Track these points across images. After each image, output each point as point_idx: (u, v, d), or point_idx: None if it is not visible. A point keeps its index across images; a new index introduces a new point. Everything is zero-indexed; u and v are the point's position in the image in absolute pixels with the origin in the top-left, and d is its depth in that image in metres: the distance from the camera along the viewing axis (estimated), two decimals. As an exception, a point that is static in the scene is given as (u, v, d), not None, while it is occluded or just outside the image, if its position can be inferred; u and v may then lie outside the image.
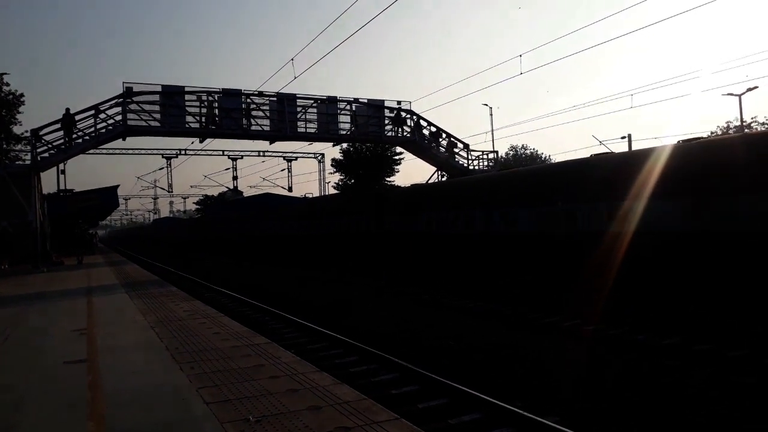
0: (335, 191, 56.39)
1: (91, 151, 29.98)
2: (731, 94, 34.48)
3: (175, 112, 27.71)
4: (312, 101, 30.42)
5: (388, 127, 32.60)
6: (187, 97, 27.95)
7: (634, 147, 34.79)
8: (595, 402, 7.11)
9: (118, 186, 40.89)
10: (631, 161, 13.81)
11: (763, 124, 39.00)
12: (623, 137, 38.16)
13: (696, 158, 12.02)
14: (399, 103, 32.40)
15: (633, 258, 11.98)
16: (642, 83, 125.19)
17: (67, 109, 26.00)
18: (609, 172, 13.94)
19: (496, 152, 36.55)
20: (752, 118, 40.26)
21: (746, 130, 35.93)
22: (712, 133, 39.58)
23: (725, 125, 41.38)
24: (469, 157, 33.70)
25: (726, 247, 10.70)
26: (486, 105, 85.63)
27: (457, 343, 10.46)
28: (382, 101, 32.32)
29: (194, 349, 7.64)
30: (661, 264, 11.85)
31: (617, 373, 8.29)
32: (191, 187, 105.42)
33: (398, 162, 55.37)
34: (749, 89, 33.31)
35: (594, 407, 6.94)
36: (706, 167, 11.50)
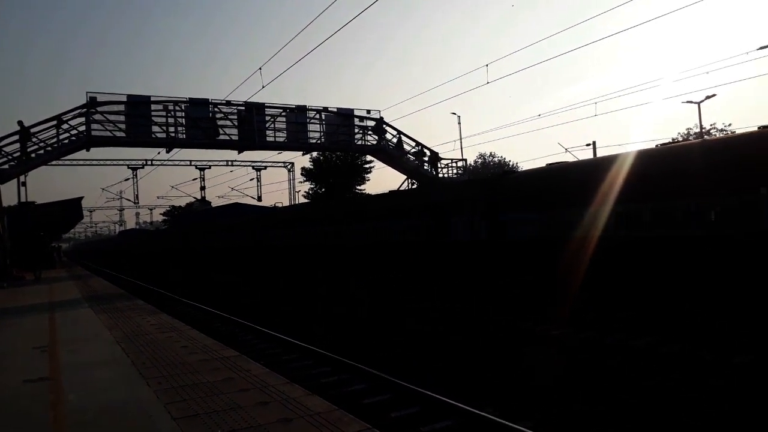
0: (305, 200, 56.32)
1: (54, 162, 29.24)
2: (691, 102, 35.51)
3: (140, 122, 27.26)
4: (281, 110, 30.27)
5: (358, 136, 32.61)
6: (153, 106, 27.54)
7: (599, 154, 35.53)
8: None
9: (81, 198, 40.03)
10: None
11: (721, 130, 40.24)
12: (588, 144, 38.91)
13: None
14: (369, 111, 32.48)
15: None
16: (606, 91, 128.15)
17: (20, 122, 25.22)
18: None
19: (465, 160, 36.88)
20: (711, 125, 41.51)
21: (705, 137, 37.00)
22: (673, 139, 40.62)
23: (686, 132, 42.55)
24: (439, 165, 33.91)
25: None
26: (454, 114, 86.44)
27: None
28: (352, 110, 32.34)
29: (161, 364, 7.48)
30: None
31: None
32: (158, 198, 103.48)
33: (369, 170, 55.80)
34: (708, 97, 34.36)
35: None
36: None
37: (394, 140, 32.82)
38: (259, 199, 47.17)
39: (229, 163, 44.61)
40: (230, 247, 39.09)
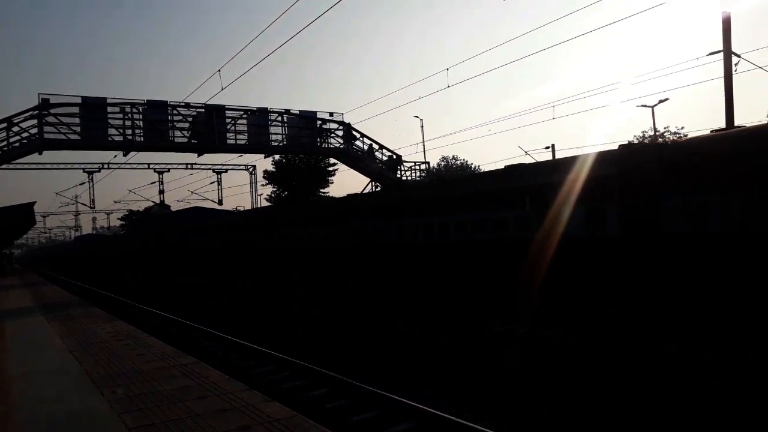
0: (268, 203, 55.72)
1: (5, 166, 28.24)
2: (645, 106, 36.50)
3: (96, 124, 26.55)
4: (242, 112, 29.93)
5: (321, 138, 32.50)
6: (109, 108, 26.87)
7: (558, 156, 36.24)
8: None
9: (34, 203, 38.64)
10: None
11: (674, 133, 41.48)
12: (547, 147, 39.67)
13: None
14: (331, 114, 32.40)
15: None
16: (564, 95, 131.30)
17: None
18: None
19: (428, 163, 37.14)
20: (665, 128, 42.74)
21: (659, 140, 38.12)
22: (629, 142, 41.73)
23: (641, 134, 43.71)
24: (401, 168, 34.05)
25: None
26: (417, 117, 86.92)
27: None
28: (314, 112, 32.21)
29: (116, 373, 7.30)
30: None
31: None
32: (115, 202, 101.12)
33: (332, 173, 55.60)
34: (661, 101, 35.39)
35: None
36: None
37: (364, 145, 32.73)
38: (220, 202, 46.56)
39: (189, 166, 43.83)
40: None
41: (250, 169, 46.93)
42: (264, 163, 65.32)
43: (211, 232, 37.55)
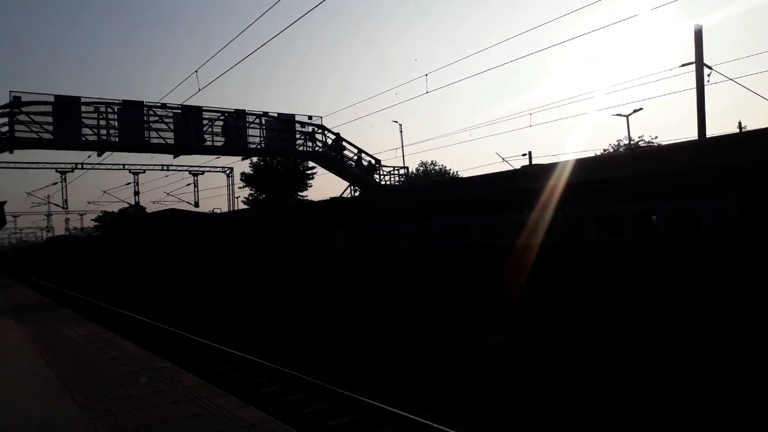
0: (245, 206, 55.27)
1: (-27, 164, 27.61)
2: (620, 115, 37.13)
3: (70, 124, 26.02)
4: (219, 114, 29.64)
5: (300, 141, 32.35)
6: (83, 108, 26.38)
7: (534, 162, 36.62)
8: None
9: (4, 202, 37.79)
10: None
11: (648, 142, 42.20)
12: (524, 154, 40.06)
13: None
14: (310, 117, 32.27)
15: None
16: (541, 102, 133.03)
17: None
18: None
19: (407, 168, 37.21)
20: (639, 137, 43.48)
21: (633, 148, 38.79)
22: (604, 150, 42.38)
23: (616, 143, 44.40)
24: (380, 173, 34.05)
25: None
26: (396, 122, 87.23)
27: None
28: (293, 115, 32.06)
29: (89, 377, 7.16)
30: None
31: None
32: (89, 203, 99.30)
33: (311, 176, 55.40)
34: (635, 110, 36.04)
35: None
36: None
37: (352, 154, 32.74)
38: (197, 204, 45.98)
39: (165, 167, 43.20)
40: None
41: (228, 171, 46.54)
42: (242, 165, 64.86)
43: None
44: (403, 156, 40.53)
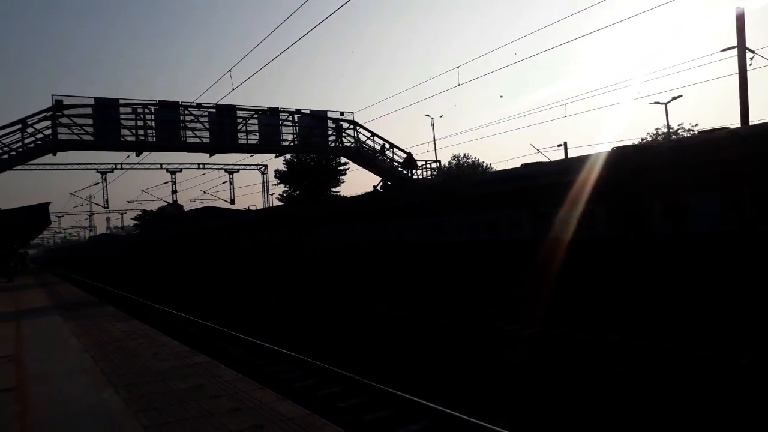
0: (279, 203, 55.90)
1: (20, 167, 28.56)
2: (658, 103, 36.19)
3: (109, 125, 26.76)
4: (253, 112, 30.03)
5: (332, 138, 32.54)
6: (121, 109, 27.07)
7: (570, 154, 36.07)
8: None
9: (49, 203, 39.15)
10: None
11: (688, 130, 41.07)
12: (559, 145, 39.42)
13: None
14: (342, 113, 32.43)
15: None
16: (577, 92, 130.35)
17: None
18: None
19: (439, 161, 37.06)
20: (679, 125, 42.32)
21: (673, 137, 37.78)
22: (642, 139, 41.39)
23: (654, 132, 43.32)
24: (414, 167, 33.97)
25: None
26: (428, 115, 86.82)
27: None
28: (325, 112, 32.26)
29: (132, 371, 7.37)
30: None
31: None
32: (128, 202, 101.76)
33: (344, 172, 55.67)
34: (674, 98, 35.05)
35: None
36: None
37: (375, 144, 32.68)
38: (232, 202, 46.81)
39: (201, 166, 44.07)
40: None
41: (262, 169, 47.15)
42: (275, 163, 65.52)
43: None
44: (435, 150, 40.40)
